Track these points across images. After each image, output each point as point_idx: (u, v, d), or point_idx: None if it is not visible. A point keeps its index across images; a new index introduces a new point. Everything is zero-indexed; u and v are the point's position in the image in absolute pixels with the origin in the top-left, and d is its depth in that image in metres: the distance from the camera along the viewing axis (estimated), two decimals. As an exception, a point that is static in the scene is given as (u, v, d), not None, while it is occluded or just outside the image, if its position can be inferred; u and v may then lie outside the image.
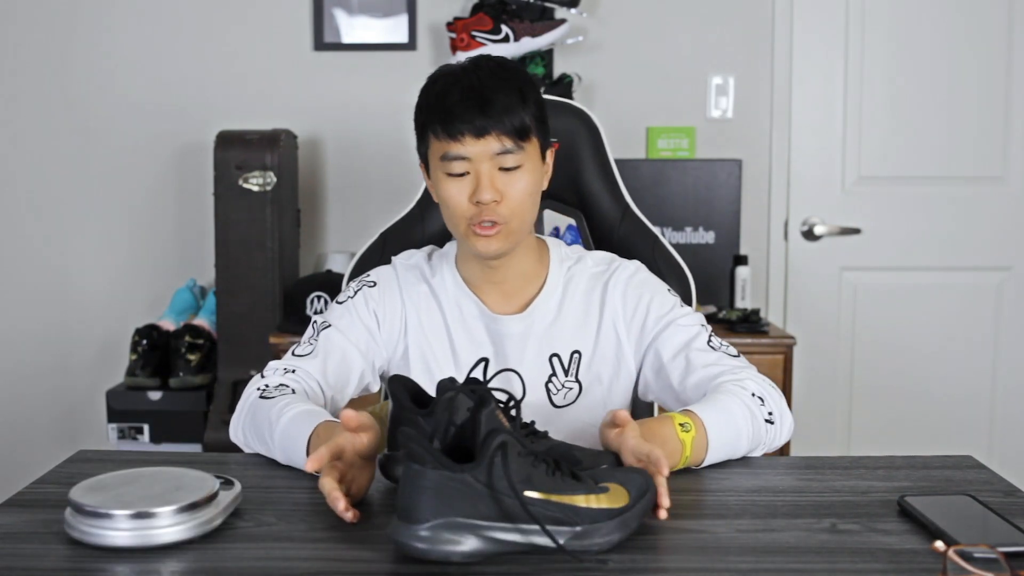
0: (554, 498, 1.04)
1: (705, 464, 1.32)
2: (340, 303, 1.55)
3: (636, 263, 1.59)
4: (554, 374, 1.54)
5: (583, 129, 1.79)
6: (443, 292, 1.55)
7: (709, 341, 1.48)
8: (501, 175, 1.43)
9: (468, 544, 1.01)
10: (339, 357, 1.49)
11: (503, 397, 1.15)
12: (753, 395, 1.38)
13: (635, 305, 1.53)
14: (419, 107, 1.48)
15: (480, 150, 1.41)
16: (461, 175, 1.43)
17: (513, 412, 1.13)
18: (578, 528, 1.04)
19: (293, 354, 1.49)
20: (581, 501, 1.05)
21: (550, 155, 1.52)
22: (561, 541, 1.03)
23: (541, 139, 1.48)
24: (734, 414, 1.34)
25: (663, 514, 1.12)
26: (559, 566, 1.02)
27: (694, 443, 1.29)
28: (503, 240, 1.45)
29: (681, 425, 1.28)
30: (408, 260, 1.60)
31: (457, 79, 1.44)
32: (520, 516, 1.02)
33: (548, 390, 1.54)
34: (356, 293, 1.55)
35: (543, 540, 1.03)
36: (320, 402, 1.44)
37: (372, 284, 1.56)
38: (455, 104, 1.41)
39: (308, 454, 1.25)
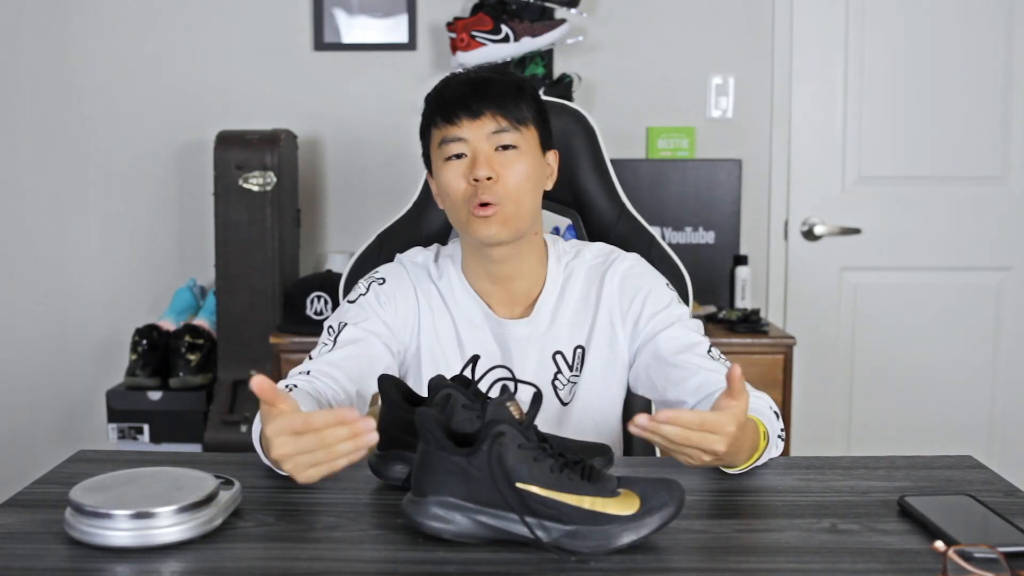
0: (552, 495, 1.04)
1: (759, 464, 1.32)
2: (352, 301, 1.54)
3: (635, 256, 1.59)
4: (559, 372, 1.54)
5: (579, 129, 1.80)
6: (450, 295, 1.55)
7: (709, 351, 1.48)
8: (498, 156, 1.45)
9: (457, 524, 1.06)
10: (359, 349, 1.47)
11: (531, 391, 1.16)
12: (770, 408, 1.38)
13: (631, 298, 1.53)
14: (423, 113, 1.52)
15: (476, 132, 1.44)
16: (459, 157, 1.46)
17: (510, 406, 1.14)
18: (570, 528, 1.04)
19: (310, 357, 1.47)
20: (585, 503, 1.05)
21: (553, 157, 1.54)
22: (550, 538, 1.04)
23: (540, 132, 1.50)
24: (773, 427, 1.34)
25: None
26: (559, 564, 1.03)
27: (761, 452, 1.29)
28: (501, 224, 1.45)
29: (764, 434, 1.28)
30: (415, 258, 1.59)
31: (456, 77, 1.50)
32: (507, 505, 1.04)
33: (555, 387, 1.54)
34: (368, 290, 1.54)
35: (528, 531, 1.04)
36: (338, 398, 1.41)
37: (382, 281, 1.55)
38: (452, 92, 1.47)
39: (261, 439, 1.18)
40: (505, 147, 1.45)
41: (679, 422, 1.10)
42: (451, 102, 1.45)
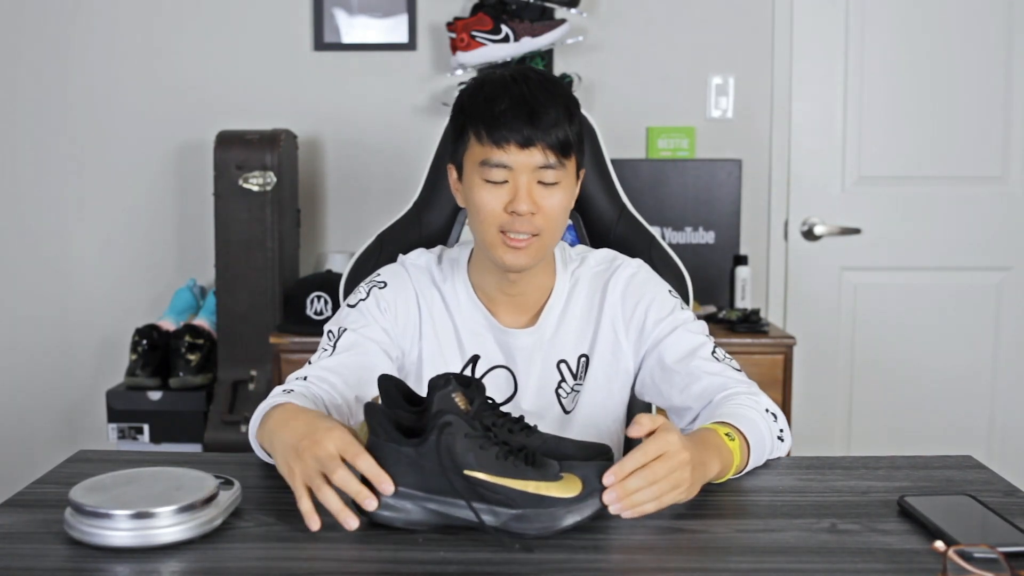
0: (499, 481, 1.08)
1: (744, 473, 1.31)
2: (352, 306, 1.52)
3: (638, 262, 1.58)
4: (563, 380, 1.54)
5: (580, 129, 1.79)
6: (454, 301, 1.54)
7: (714, 352, 1.48)
8: (539, 188, 1.41)
9: (407, 512, 1.10)
10: (358, 356, 1.46)
11: (490, 392, 1.18)
12: (767, 411, 1.38)
13: (634, 305, 1.53)
14: (460, 109, 1.46)
15: (523, 161, 1.40)
16: (499, 183, 1.41)
17: (484, 401, 1.16)
18: (517, 511, 1.08)
19: (310, 362, 1.46)
20: (530, 487, 1.08)
21: (581, 175, 1.51)
22: (499, 522, 1.08)
23: (579, 158, 1.47)
24: (759, 426, 1.34)
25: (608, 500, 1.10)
26: (558, 564, 1.03)
27: (740, 451, 1.28)
28: (532, 254, 1.44)
29: (726, 435, 1.27)
30: (417, 260, 1.57)
31: (505, 86, 1.42)
32: (455, 492, 1.07)
33: (559, 396, 1.54)
34: (368, 294, 1.52)
35: (475, 516, 1.07)
36: (336, 403, 1.40)
37: (383, 285, 1.53)
38: (504, 112, 1.39)
39: (260, 441, 1.27)
40: (548, 183, 1.42)
41: (625, 471, 1.10)
42: (502, 124, 1.39)
